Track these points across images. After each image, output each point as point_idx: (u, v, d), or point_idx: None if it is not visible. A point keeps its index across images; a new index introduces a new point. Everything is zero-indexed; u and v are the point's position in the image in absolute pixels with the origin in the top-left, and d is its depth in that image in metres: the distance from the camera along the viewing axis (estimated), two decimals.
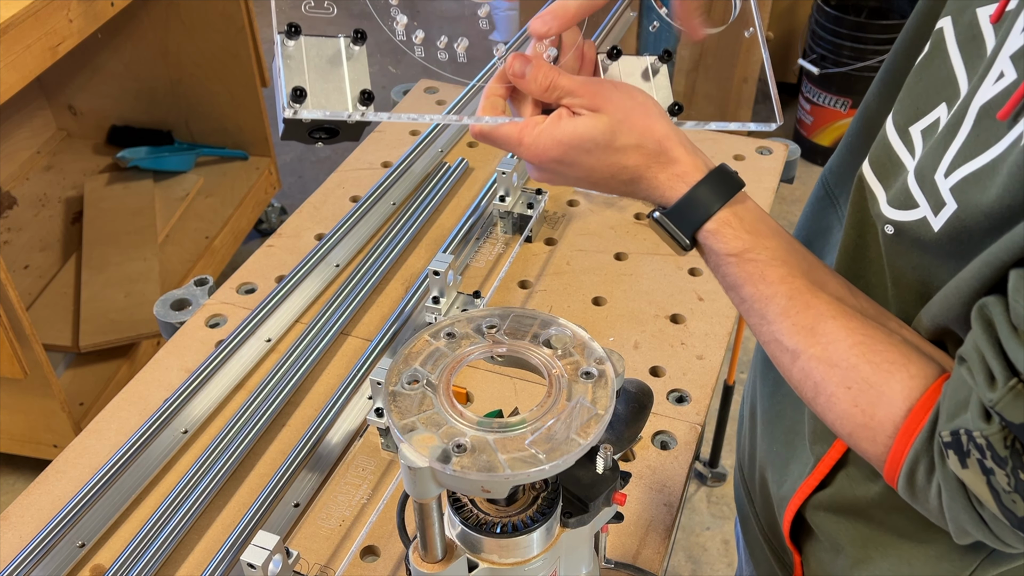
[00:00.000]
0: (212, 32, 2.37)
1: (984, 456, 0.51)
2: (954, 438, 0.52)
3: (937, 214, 0.57)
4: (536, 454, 0.57)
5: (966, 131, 0.56)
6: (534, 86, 0.66)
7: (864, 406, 0.58)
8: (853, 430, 0.59)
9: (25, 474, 2.08)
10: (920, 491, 0.57)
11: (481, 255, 1.28)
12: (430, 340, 0.65)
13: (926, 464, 0.55)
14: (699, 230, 0.64)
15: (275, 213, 2.78)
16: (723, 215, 0.64)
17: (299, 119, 0.60)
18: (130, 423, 1.04)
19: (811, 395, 0.61)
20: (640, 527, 0.92)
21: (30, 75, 1.64)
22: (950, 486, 0.54)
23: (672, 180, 0.65)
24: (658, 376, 1.09)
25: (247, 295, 1.22)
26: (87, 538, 0.92)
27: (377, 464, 1.00)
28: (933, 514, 0.58)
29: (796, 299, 0.62)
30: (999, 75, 0.54)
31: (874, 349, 0.59)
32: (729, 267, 0.64)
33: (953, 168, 0.56)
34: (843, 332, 0.60)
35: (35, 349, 1.75)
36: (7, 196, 2.50)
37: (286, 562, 0.79)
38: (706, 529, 2.06)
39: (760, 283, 0.63)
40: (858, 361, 0.58)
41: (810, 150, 3.09)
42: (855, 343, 0.59)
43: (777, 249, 0.64)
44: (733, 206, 0.64)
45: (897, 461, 0.57)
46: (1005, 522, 0.52)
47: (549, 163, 0.67)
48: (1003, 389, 0.49)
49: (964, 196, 0.55)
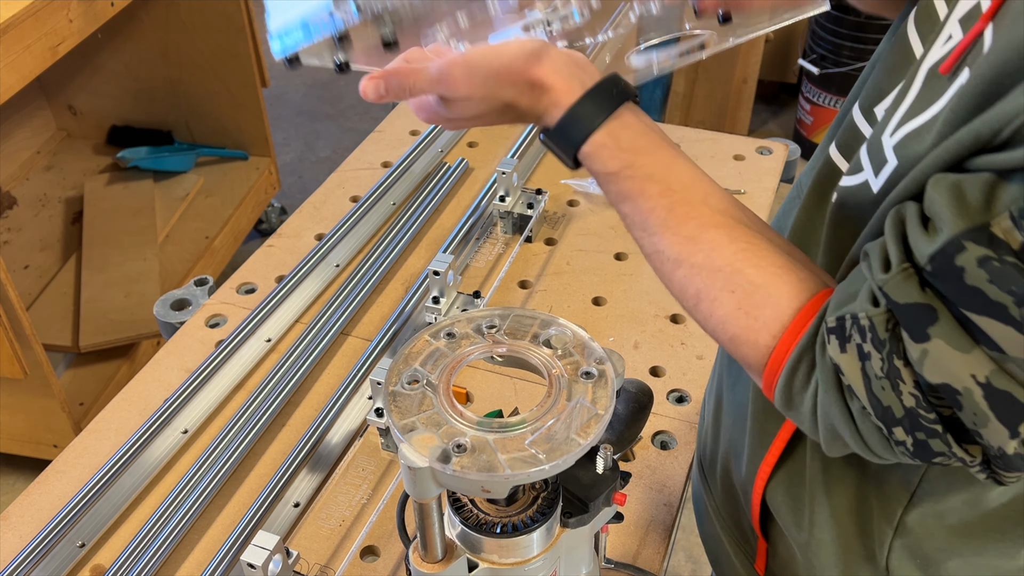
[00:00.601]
0: (212, 32, 2.37)
1: (864, 339, 0.51)
2: (839, 323, 0.53)
3: (878, 174, 0.58)
4: (536, 454, 0.57)
5: (914, 92, 0.56)
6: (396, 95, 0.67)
7: (748, 308, 0.58)
8: (737, 333, 0.59)
9: (25, 474, 2.08)
10: (797, 392, 0.57)
11: (481, 255, 1.28)
12: (430, 340, 0.65)
13: (808, 363, 0.56)
14: (578, 151, 0.65)
15: (275, 213, 2.78)
16: (598, 137, 0.64)
17: None
18: (130, 423, 1.04)
19: (692, 303, 0.62)
20: (640, 527, 0.92)
21: (30, 75, 1.64)
22: (826, 377, 0.54)
23: (546, 107, 0.66)
24: (658, 376, 1.09)
25: (247, 295, 1.22)
26: (87, 538, 0.92)
27: (377, 464, 1.00)
28: (805, 420, 0.58)
29: (676, 211, 0.62)
30: (948, 38, 0.55)
31: (759, 255, 0.59)
32: (610, 185, 0.65)
33: (898, 127, 0.56)
34: (725, 239, 0.60)
35: (35, 349, 1.75)
36: (7, 196, 2.50)
37: (286, 562, 0.79)
38: None
39: (639, 199, 0.63)
40: (743, 266, 0.59)
41: (810, 150, 3.08)
42: (739, 250, 0.59)
43: (656, 165, 0.64)
44: (611, 124, 0.65)
45: (779, 362, 0.57)
46: (871, 412, 0.53)
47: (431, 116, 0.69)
48: (895, 271, 0.50)
49: (904, 151, 0.55)
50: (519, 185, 1.29)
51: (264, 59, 2.49)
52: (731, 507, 0.86)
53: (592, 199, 1.38)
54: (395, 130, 1.54)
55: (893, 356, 0.51)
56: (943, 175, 0.49)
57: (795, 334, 0.56)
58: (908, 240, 0.50)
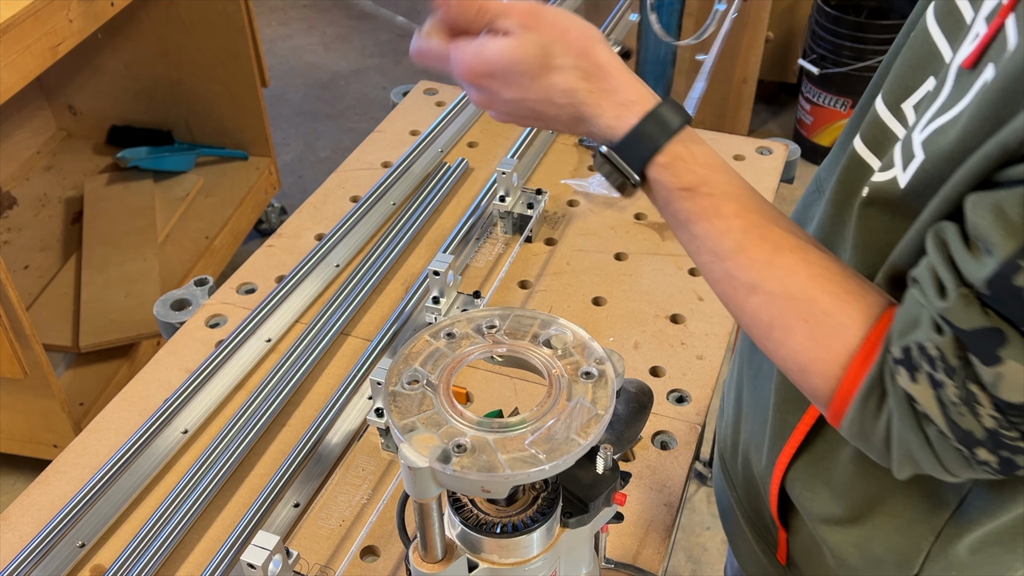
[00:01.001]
0: (212, 32, 2.37)
1: (935, 368, 0.51)
2: (905, 354, 0.52)
3: (906, 169, 0.57)
4: (536, 454, 0.57)
5: (946, 92, 0.56)
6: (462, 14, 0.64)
7: (820, 337, 0.57)
8: (806, 363, 0.58)
9: (25, 474, 2.08)
10: (869, 421, 0.56)
11: (481, 255, 1.28)
12: (430, 340, 0.65)
13: (878, 392, 0.55)
14: (650, 164, 0.62)
15: (275, 213, 2.78)
16: (675, 148, 0.61)
17: None
18: (130, 423, 1.04)
19: (764, 331, 0.60)
20: (640, 527, 0.92)
21: (30, 75, 1.64)
22: (900, 406, 0.54)
23: (618, 109, 0.62)
24: (658, 376, 1.09)
25: (247, 295, 1.22)
26: (87, 538, 0.92)
27: (377, 464, 1.00)
28: (877, 447, 0.57)
29: (751, 232, 0.60)
30: (975, 36, 0.55)
31: (832, 280, 0.58)
32: (682, 202, 0.62)
33: (928, 124, 0.56)
34: (801, 264, 0.58)
35: (35, 349, 1.75)
36: (7, 196, 2.50)
37: (286, 562, 0.79)
38: (706, 529, 2.06)
39: (714, 218, 0.61)
40: (817, 293, 0.57)
41: (810, 150, 3.09)
42: (814, 275, 0.58)
43: (730, 183, 0.62)
44: (684, 139, 0.62)
45: (849, 391, 0.56)
46: (951, 436, 0.52)
47: (481, 79, 0.64)
48: (953, 297, 0.49)
49: (930, 146, 0.55)
50: (519, 185, 1.29)
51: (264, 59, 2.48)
52: (752, 498, 0.86)
53: (592, 199, 1.38)
54: (395, 130, 1.54)
55: (967, 381, 0.50)
56: (980, 196, 0.49)
57: (863, 364, 0.55)
58: (956, 263, 0.50)
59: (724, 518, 0.96)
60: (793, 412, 0.74)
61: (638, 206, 1.36)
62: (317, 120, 3.41)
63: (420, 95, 1.64)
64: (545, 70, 0.62)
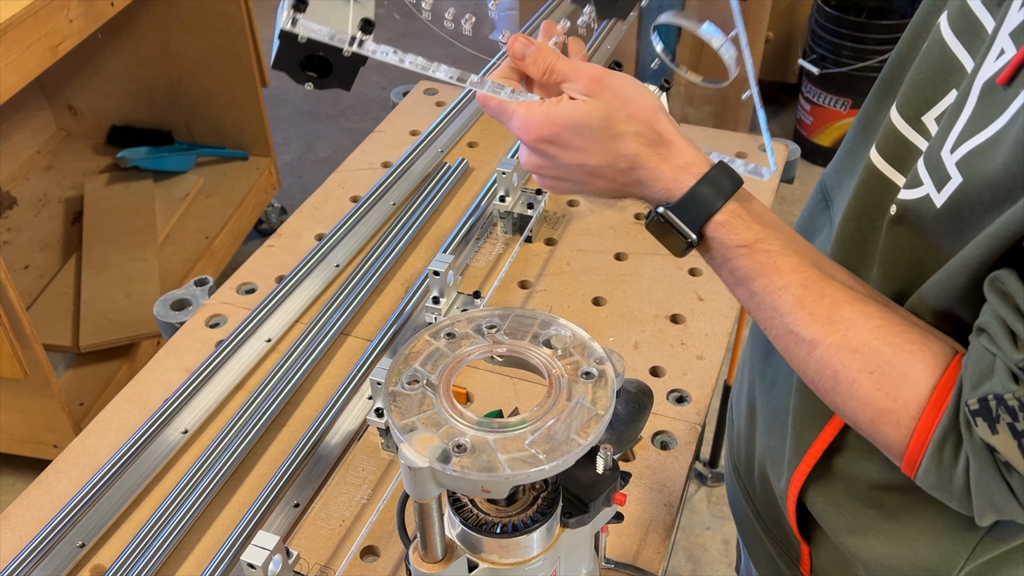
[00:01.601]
0: (212, 32, 2.37)
1: (1015, 418, 0.51)
2: (982, 405, 0.52)
3: (941, 190, 0.57)
4: (536, 454, 0.57)
5: (971, 107, 0.56)
6: (533, 68, 0.66)
7: (887, 389, 0.57)
8: (876, 415, 0.58)
9: (25, 474, 2.08)
10: (945, 470, 0.56)
11: (481, 255, 1.28)
12: (430, 340, 0.65)
13: (952, 441, 0.55)
14: (708, 223, 0.63)
15: (275, 213, 2.78)
16: (732, 206, 0.63)
17: (295, 36, 0.56)
18: (130, 423, 1.04)
19: (830, 385, 0.60)
20: (640, 527, 0.92)
21: (30, 75, 1.64)
22: (979, 456, 0.53)
23: (676, 171, 0.64)
24: (658, 376, 1.09)
25: (247, 295, 1.22)
26: (87, 538, 0.92)
27: (377, 464, 1.00)
28: (956, 495, 0.57)
29: (810, 288, 0.61)
30: (1000, 52, 0.55)
31: (893, 331, 0.58)
32: (740, 259, 0.63)
33: (959, 143, 0.56)
34: (861, 317, 0.59)
35: (35, 349, 1.75)
36: (7, 196, 2.50)
37: (286, 562, 0.79)
38: (706, 529, 2.06)
39: (773, 274, 0.62)
40: (879, 344, 0.58)
41: (810, 150, 3.09)
42: (874, 327, 0.58)
43: (786, 240, 0.63)
44: (739, 199, 0.64)
45: (922, 442, 0.56)
46: None
47: (542, 143, 0.65)
48: None
49: (969, 168, 0.55)
50: (519, 185, 1.29)
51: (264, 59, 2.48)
52: (772, 511, 0.86)
53: (592, 199, 1.38)
54: (395, 130, 1.54)
55: None
56: None
57: (935, 413, 0.56)
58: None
59: (741, 527, 0.96)
60: (810, 430, 0.74)
61: (638, 206, 1.36)
62: (317, 120, 3.41)
63: (420, 95, 1.64)
64: (608, 136, 0.64)
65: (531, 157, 0.68)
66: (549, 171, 0.68)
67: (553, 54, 0.66)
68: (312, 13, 0.57)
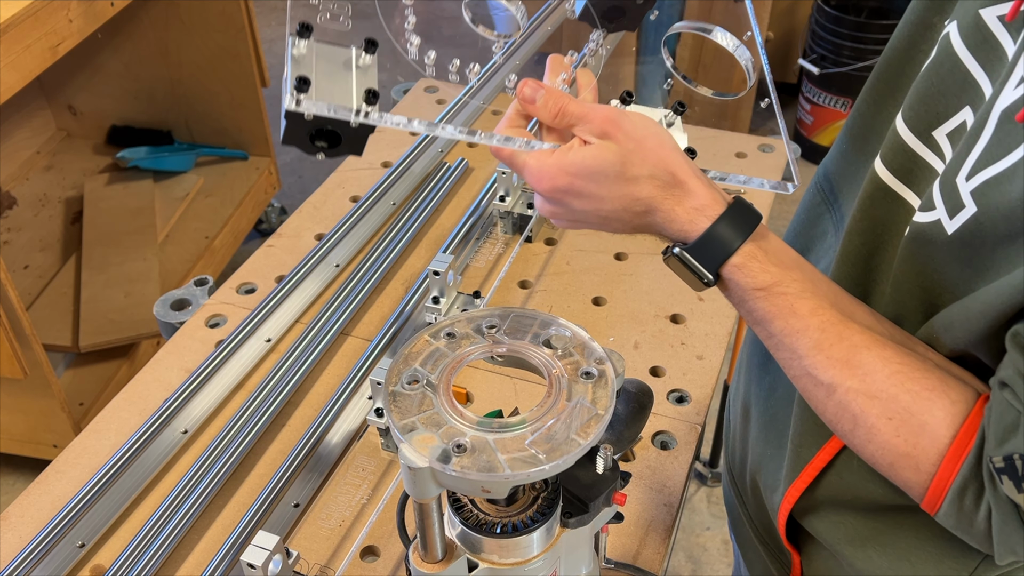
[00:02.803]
0: (212, 32, 2.37)
1: None
2: (1007, 463, 0.52)
3: (953, 217, 0.57)
4: (536, 454, 0.57)
5: (988, 135, 0.56)
6: (544, 112, 0.65)
7: (906, 436, 0.57)
8: (895, 460, 0.58)
9: (25, 474, 2.08)
10: (966, 515, 0.56)
11: (481, 255, 1.28)
12: (430, 340, 0.65)
13: (974, 490, 0.55)
14: (724, 265, 0.63)
15: (275, 213, 2.78)
16: (748, 248, 0.62)
17: (301, 113, 0.57)
18: (130, 423, 1.04)
19: (849, 428, 0.60)
20: (640, 527, 0.92)
21: (30, 75, 1.64)
22: (1003, 509, 0.54)
23: (691, 214, 0.63)
24: (658, 376, 1.09)
25: (247, 295, 1.22)
26: (87, 538, 0.92)
27: (377, 464, 1.00)
28: (976, 537, 0.57)
29: (828, 331, 0.60)
30: (1020, 80, 0.54)
31: (912, 377, 0.58)
32: (757, 302, 0.62)
33: (975, 172, 0.56)
34: (879, 362, 0.59)
35: (35, 349, 1.75)
36: (7, 196, 2.50)
37: (286, 562, 0.79)
38: (706, 529, 2.06)
39: (790, 317, 0.61)
40: (897, 391, 0.58)
41: (810, 150, 3.09)
42: (892, 372, 0.58)
43: (804, 281, 0.62)
44: (756, 239, 0.63)
45: (942, 488, 0.56)
46: None
47: (556, 193, 0.65)
48: None
49: (984, 199, 0.55)
50: (519, 185, 1.29)
51: (264, 59, 2.48)
52: (763, 517, 0.86)
53: None
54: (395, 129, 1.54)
55: None
56: None
57: (955, 461, 0.56)
58: None
59: (734, 528, 0.96)
60: (809, 447, 0.73)
61: None
62: None
63: (420, 93, 1.64)
64: (623, 181, 0.63)
65: (545, 205, 0.68)
66: (564, 216, 0.67)
67: (564, 97, 0.65)
68: (316, 90, 0.57)
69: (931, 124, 0.63)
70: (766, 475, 0.82)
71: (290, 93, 0.56)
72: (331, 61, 0.60)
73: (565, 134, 0.66)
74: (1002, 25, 0.59)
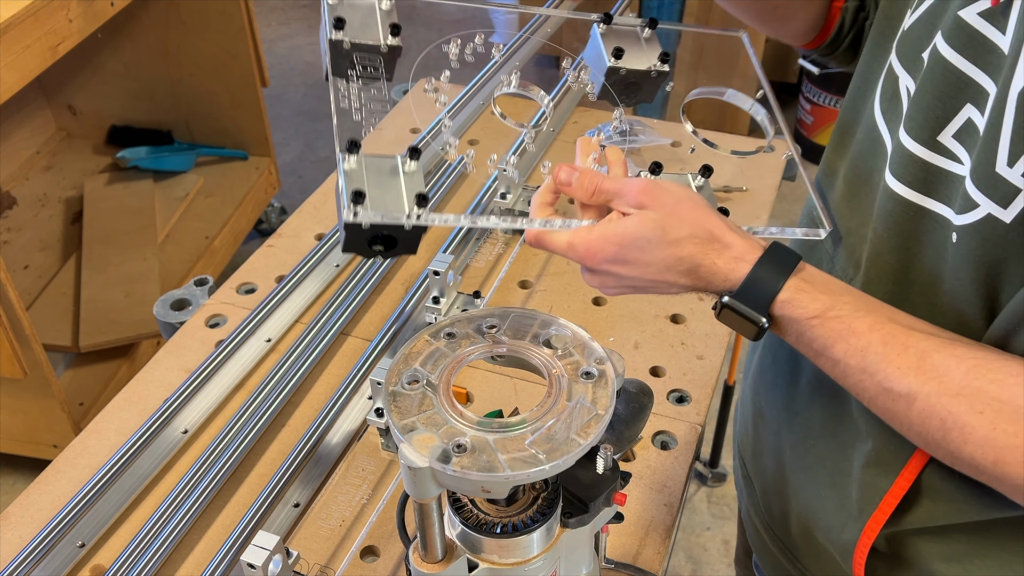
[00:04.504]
0: (212, 32, 2.37)
1: None
2: None
3: (1008, 206, 0.57)
4: (536, 454, 0.57)
5: (1010, 121, 0.56)
6: (580, 191, 0.68)
7: (1004, 425, 0.56)
8: (998, 455, 0.56)
9: (25, 474, 2.08)
10: None
11: (481, 255, 1.28)
12: (430, 340, 0.65)
13: None
14: (773, 303, 0.64)
15: (275, 213, 2.78)
16: (793, 283, 0.63)
17: (359, 223, 0.61)
18: (130, 423, 1.04)
19: (939, 435, 0.59)
20: (640, 527, 0.92)
21: (30, 75, 1.64)
22: None
23: (732, 263, 0.64)
24: (658, 376, 1.09)
25: (247, 295, 1.22)
26: (87, 538, 0.92)
27: (377, 464, 1.00)
28: None
29: (892, 343, 0.60)
30: None
31: (992, 367, 0.57)
32: (814, 331, 0.63)
33: (1015, 157, 0.56)
34: (953, 361, 0.58)
35: (35, 349, 1.75)
36: (7, 196, 2.50)
37: (286, 562, 0.79)
38: (706, 529, 2.06)
39: (850, 337, 0.61)
40: (981, 383, 0.57)
41: (810, 150, 3.09)
42: (969, 368, 0.57)
43: (856, 302, 0.63)
44: (799, 274, 0.64)
45: None
46: None
47: (603, 264, 0.67)
48: None
49: None
50: (520, 183, 1.29)
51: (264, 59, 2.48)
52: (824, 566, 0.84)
53: None
54: (395, 129, 1.54)
55: None
56: None
57: None
58: None
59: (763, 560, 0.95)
60: (884, 475, 0.72)
61: None
62: (317, 120, 3.41)
63: (420, 93, 1.64)
64: (665, 244, 0.65)
65: (595, 277, 0.69)
66: (613, 285, 0.69)
67: (597, 175, 0.68)
68: (371, 200, 0.62)
69: (935, 130, 0.63)
70: (824, 517, 0.80)
71: (347, 207, 0.61)
72: (380, 171, 0.65)
73: (601, 210, 0.69)
74: (984, 20, 0.59)
